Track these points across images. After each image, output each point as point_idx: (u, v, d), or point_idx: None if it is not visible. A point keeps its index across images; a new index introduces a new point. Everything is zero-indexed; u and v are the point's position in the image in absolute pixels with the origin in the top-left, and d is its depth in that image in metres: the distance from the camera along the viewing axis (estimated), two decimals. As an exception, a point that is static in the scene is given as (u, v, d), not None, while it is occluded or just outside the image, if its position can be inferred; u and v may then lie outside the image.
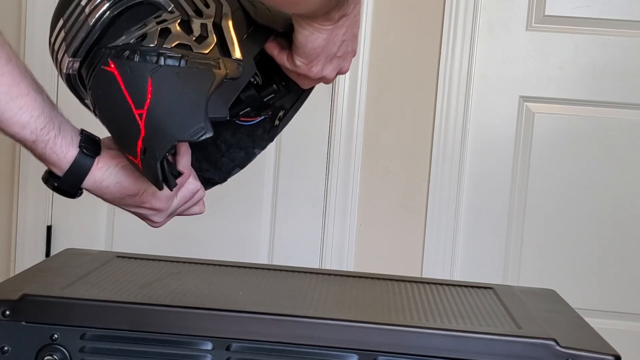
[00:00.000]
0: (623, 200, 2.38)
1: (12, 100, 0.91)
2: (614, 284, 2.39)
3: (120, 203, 1.01)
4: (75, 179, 0.97)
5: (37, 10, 2.44)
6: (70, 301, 0.95)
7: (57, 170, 0.96)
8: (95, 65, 0.92)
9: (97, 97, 0.93)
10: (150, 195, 0.99)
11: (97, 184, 0.97)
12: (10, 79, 0.92)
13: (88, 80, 0.93)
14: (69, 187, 0.98)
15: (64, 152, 0.95)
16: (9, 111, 0.92)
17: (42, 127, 0.93)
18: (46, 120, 0.94)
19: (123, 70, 0.90)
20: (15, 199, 2.54)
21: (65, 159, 0.95)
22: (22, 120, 0.92)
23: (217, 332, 0.93)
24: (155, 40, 0.90)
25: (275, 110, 1.09)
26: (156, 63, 0.89)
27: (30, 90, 0.93)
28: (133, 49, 0.90)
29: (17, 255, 2.54)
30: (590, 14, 2.34)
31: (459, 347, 0.92)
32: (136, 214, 1.03)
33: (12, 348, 0.94)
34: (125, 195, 0.99)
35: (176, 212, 1.04)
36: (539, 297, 1.18)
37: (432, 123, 2.38)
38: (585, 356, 0.91)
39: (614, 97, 2.36)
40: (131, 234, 1.98)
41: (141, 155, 0.90)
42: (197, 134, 0.88)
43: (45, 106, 0.94)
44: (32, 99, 0.93)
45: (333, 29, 0.95)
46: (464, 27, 2.35)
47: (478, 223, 2.41)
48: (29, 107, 0.92)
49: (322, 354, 0.92)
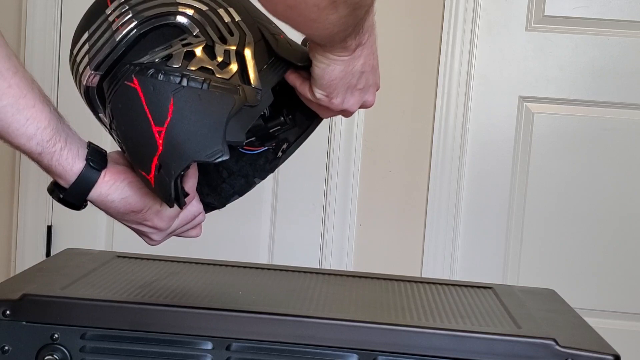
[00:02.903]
0: (623, 200, 2.38)
1: (19, 112, 0.92)
2: (614, 284, 2.40)
3: (123, 218, 1.01)
4: (81, 192, 0.97)
5: (37, 11, 2.43)
6: (70, 301, 0.95)
7: (63, 182, 0.97)
8: (118, 80, 0.93)
9: (117, 112, 0.94)
10: (153, 213, 1.00)
11: (102, 197, 0.98)
12: (17, 91, 0.92)
13: (109, 95, 0.94)
14: (74, 199, 0.98)
15: (70, 164, 0.95)
16: (15, 123, 0.92)
17: (49, 139, 0.94)
18: (52, 133, 0.94)
19: (146, 88, 0.92)
20: (16, 199, 2.54)
21: (72, 171, 0.96)
22: (28, 132, 0.92)
23: (217, 332, 0.93)
24: (180, 62, 0.92)
25: (279, 142, 1.11)
26: (179, 84, 0.91)
27: (37, 102, 0.93)
28: (157, 68, 0.92)
29: (18, 255, 2.54)
30: (589, 14, 2.34)
31: (459, 346, 0.92)
32: (136, 231, 1.04)
33: (13, 348, 0.94)
34: (129, 211, 0.99)
35: (174, 233, 1.05)
36: (539, 297, 1.18)
37: (432, 123, 2.38)
38: (584, 356, 0.91)
39: (613, 97, 2.36)
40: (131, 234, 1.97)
41: (155, 172, 0.92)
42: (214, 156, 0.90)
43: (52, 118, 0.94)
44: (38, 111, 0.93)
45: (350, 60, 0.95)
46: (464, 27, 2.35)
47: (478, 223, 2.41)
48: (36, 119, 0.93)
49: (322, 354, 0.92)
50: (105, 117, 0.98)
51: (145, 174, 0.93)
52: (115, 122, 0.95)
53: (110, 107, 0.95)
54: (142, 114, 0.92)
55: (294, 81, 1.00)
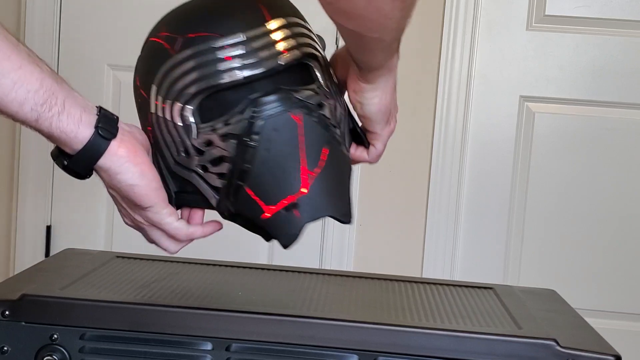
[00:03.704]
0: (623, 200, 2.38)
1: (3, 76, 0.83)
2: (614, 284, 2.39)
3: (121, 205, 0.96)
4: (87, 161, 0.90)
5: (36, 10, 2.43)
6: (69, 301, 0.95)
7: (68, 149, 0.89)
8: (280, 105, 0.92)
9: (268, 133, 0.91)
10: (158, 216, 0.95)
11: (110, 173, 0.91)
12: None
13: (259, 110, 0.92)
14: (79, 168, 0.91)
15: (73, 131, 0.87)
16: (3, 87, 0.83)
17: (42, 102, 0.85)
18: (47, 95, 0.86)
19: (308, 128, 0.93)
20: (15, 199, 2.54)
21: (77, 138, 0.88)
22: (18, 96, 0.84)
23: (216, 332, 0.93)
24: (330, 115, 0.96)
25: None
26: (333, 137, 0.95)
27: (23, 64, 0.85)
28: (321, 117, 0.95)
29: (17, 255, 2.54)
30: (590, 13, 2.34)
31: (459, 347, 0.92)
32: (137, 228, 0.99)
33: (12, 348, 0.93)
34: (132, 203, 0.94)
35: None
36: (539, 297, 1.18)
37: (432, 123, 2.37)
38: (585, 356, 0.91)
39: (613, 97, 2.36)
40: (131, 234, 1.97)
41: (282, 209, 0.92)
42: (348, 217, 0.95)
43: (44, 79, 0.86)
44: (27, 73, 0.85)
45: (387, 82, 0.99)
46: (464, 27, 2.35)
47: (478, 223, 2.41)
48: (24, 81, 0.84)
49: (322, 354, 0.92)
50: (229, 127, 0.93)
51: (263, 203, 0.92)
52: (261, 143, 0.92)
53: (260, 124, 0.92)
54: (295, 150, 0.92)
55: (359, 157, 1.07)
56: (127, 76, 2.49)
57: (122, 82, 2.47)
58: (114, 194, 0.96)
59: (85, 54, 2.46)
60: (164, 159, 0.96)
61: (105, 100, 2.45)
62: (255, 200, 0.93)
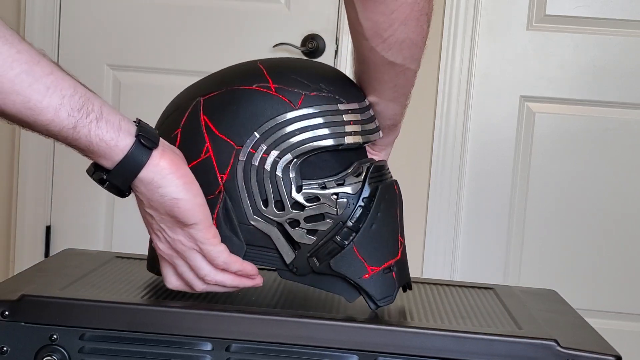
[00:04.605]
0: (623, 200, 2.38)
1: (37, 81, 0.78)
2: (614, 284, 2.39)
3: (159, 226, 0.90)
4: (129, 173, 0.84)
5: (36, 11, 2.43)
6: (69, 302, 0.95)
7: (107, 162, 0.84)
8: (388, 174, 1.02)
9: (380, 199, 0.97)
10: (204, 231, 0.89)
11: (152, 186, 0.85)
12: (28, 57, 0.78)
13: (376, 175, 0.99)
14: (119, 181, 0.85)
15: (113, 139, 0.82)
16: (36, 94, 0.78)
17: (79, 107, 0.80)
18: (83, 101, 0.80)
19: (401, 199, 1.02)
20: (15, 200, 2.54)
21: (117, 147, 0.82)
22: (53, 102, 0.78)
23: (216, 333, 0.93)
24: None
25: None
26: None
27: (54, 69, 0.79)
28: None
29: (17, 255, 2.54)
30: (590, 13, 2.34)
31: (460, 347, 0.92)
32: (168, 259, 0.93)
33: (11, 348, 0.93)
34: (175, 220, 0.88)
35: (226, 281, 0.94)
36: (540, 298, 1.18)
37: (432, 123, 2.37)
38: (586, 357, 0.91)
39: (614, 97, 2.36)
40: (130, 234, 1.97)
41: (382, 270, 0.97)
42: (408, 288, 1.05)
43: (77, 85, 0.81)
44: (59, 77, 0.79)
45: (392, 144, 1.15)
46: (464, 27, 2.35)
47: (478, 223, 2.41)
48: (58, 86, 0.79)
49: (322, 355, 0.92)
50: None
51: (369, 265, 0.96)
52: (372, 203, 0.96)
53: (376, 188, 0.97)
54: (396, 216, 1.00)
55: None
56: (126, 76, 2.50)
57: (122, 82, 2.48)
58: (152, 213, 0.90)
59: (85, 54, 2.46)
60: (239, 208, 0.95)
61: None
62: (360, 259, 0.96)
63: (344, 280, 0.97)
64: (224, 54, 2.41)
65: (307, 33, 2.40)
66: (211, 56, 2.42)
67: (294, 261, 0.96)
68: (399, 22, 0.92)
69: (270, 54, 2.39)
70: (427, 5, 0.93)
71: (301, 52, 2.40)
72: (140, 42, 2.44)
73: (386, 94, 1.03)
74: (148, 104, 2.38)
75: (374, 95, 1.03)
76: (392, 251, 0.99)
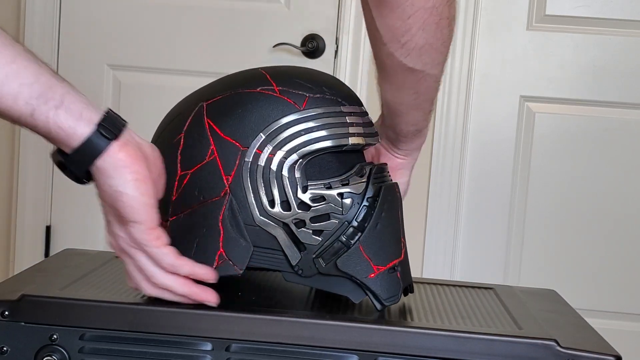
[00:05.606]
0: (623, 200, 2.38)
1: None
2: (614, 284, 2.39)
3: (107, 217, 0.91)
4: (84, 160, 0.85)
5: (36, 11, 2.43)
6: (69, 301, 0.95)
7: (65, 148, 0.85)
8: (390, 176, 1.04)
9: (384, 199, 0.98)
10: (143, 233, 0.88)
11: (103, 175, 0.86)
12: None
13: (380, 176, 1.00)
14: (75, 167, 0.86)
15: (71, 127, 0.83)
16: None
17: (38, 95, 0.82)
18: (42, 89, 0.82)
19: (402, 202, 1.05)
20: (15, 200, 2.54)
21: (75, 135, 0.83)
22: (11, 90, 0.81)
23: (216, 333, 0.93)
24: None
25: None
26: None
27: (17, 59, 0.82)
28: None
29: (16, 255, 2.54)
30: (590, 13, 2.34)
31: (459, 347, 0.92)
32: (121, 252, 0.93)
33: (11, 348, 0.93)
34: (115, 213, 0.89)
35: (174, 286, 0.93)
36: (540, 298, 1.18)
37: (432, 123, 2.37)
38: (586, 357, 0.91)
39: (614, 97, 2.36)
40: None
41: (387, 270, 0.98)
42: (409, 291, 1.06)
43: (41, 75, 0.83)
44: (20, 67, 0.82)
45: (413, 160, 1.23)
46: (464, 27, 2.35)
47: (478, 223, 2.41)
48: (17, 75, 0.81)
49: (322, 355, 0.92)
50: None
51: (374, 265, 0.97)
52: (376, 202, 0.97)
53: (380, 188, 0.98)
54: (398, 217, 1.01)
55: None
56: (126, 76, 2.50)
57: (122, 82, 2.48)
58: (103, 204, 0.90)
59: (85, 54, 2.46)
60: (246, 209, 0.95)
61: (104, 100, 2.45)
62: (366, 259, 0.96)
63: (349, 280, 0.97)
64: (224, 53, 2.41)
65: (307, 33, 2.40)
66: (211, 56, 2.42)
67: (299, 263, 0.97)
68: (417, 27, 0.92)
69: (270, 53, 2.39)
70: (447, 10, 0.93)
71: (301, 52, 2.40)
72: (140, 42, 2.44)
73: (407, 101, 1.03)
74: (148, 104, 2.38)
75: (395, 103, 1.03)
76: (396, 251, 1.00)
